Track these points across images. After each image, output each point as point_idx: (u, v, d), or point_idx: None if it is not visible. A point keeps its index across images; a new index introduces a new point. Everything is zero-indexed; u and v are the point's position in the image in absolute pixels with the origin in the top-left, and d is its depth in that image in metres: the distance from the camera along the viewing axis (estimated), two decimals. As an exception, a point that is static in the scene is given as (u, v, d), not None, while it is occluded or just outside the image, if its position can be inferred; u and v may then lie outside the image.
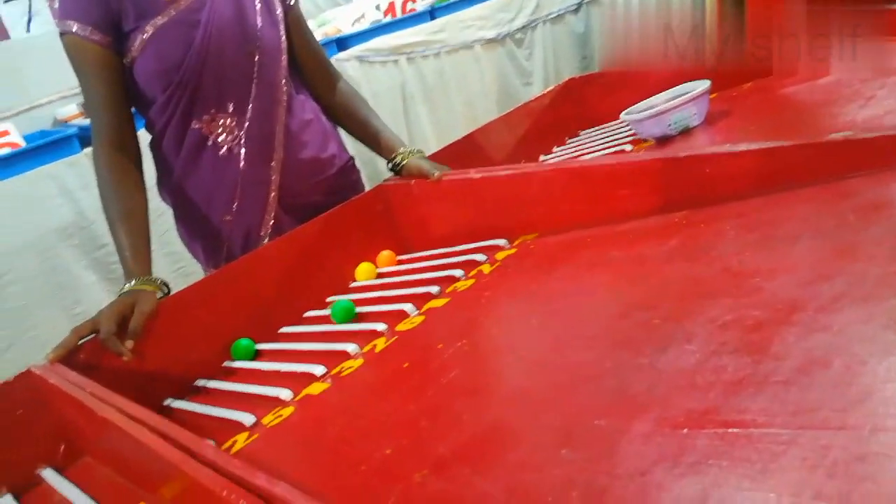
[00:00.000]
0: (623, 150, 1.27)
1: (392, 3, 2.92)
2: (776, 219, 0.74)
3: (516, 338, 0.74)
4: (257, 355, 0.94)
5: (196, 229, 1.23)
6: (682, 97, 1.20)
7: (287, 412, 0.74)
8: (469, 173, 1.06)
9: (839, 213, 0.68)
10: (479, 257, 0.97)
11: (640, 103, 1.31)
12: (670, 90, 1.29)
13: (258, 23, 1.14)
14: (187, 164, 1.16)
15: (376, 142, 1.23)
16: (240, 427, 0.74)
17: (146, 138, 1.17)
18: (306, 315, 1.02)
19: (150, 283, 0.94)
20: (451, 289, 0.91)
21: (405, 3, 2.93)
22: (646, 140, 1.28)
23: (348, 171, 1.30)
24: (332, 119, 1.28)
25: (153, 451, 0.54)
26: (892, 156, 0.72)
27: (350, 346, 0.82)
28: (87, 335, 0.85)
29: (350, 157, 1.31)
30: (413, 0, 2.93)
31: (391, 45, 2.59)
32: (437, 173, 1.09)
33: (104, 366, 0.84)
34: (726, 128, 1.20)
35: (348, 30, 2.80)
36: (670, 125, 1.21)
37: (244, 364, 0.91)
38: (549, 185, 0.97)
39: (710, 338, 0.56)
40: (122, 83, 1.09)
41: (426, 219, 1.13)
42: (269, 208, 1.19)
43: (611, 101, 1.44)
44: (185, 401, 0.86)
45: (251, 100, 1.14)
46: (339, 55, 2.48)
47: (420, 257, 1.08)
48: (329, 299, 1.04)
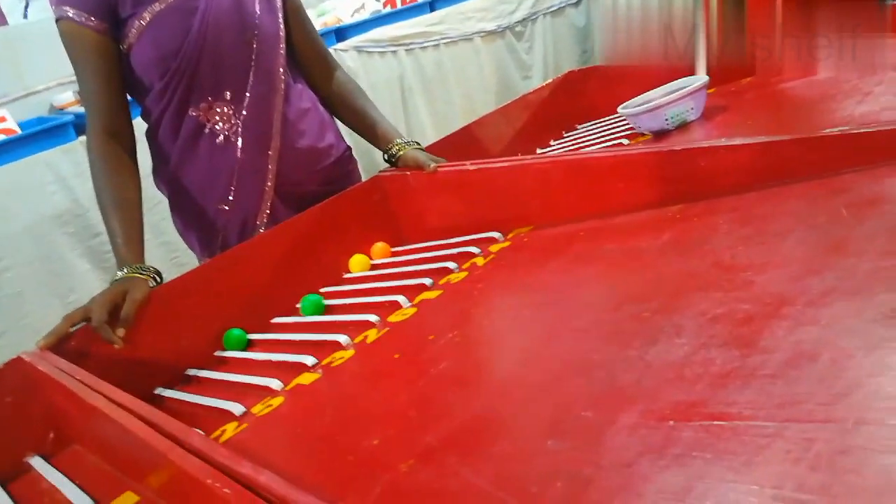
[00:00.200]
0: (620, 144, 1.27)
1: (392, -6, 2.91)
2: (769, 213, 0.73)
3: (507, 330, 0.74)
4: (249, 345, 0.94)
5: (192, 219, 1.22)
6: (680, 92, 1.20)
7: (277, 402, 0.73)
8: (465, 165, 1.06)
9: (832, 208, 0.68)
10: (474, 250, 0.97)
11: (638, 97, 1.30)
12: (668, 85, 1.29)
13: (256, 10, 1.14)
14: (184, 153, 1.16)
15: (373, 132, 1.23)
16: (229, 416, 0.74)
17: (142, 127, 1.17)
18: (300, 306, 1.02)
19: (142, 272, 0.94)
20: (444, 281, 0.91)
21: (405, -6, 2.92)
22: (643, 134, 1.28)
23: (345, 161, 1.29)
24: (329, 109, 1.28)
25: (140, 439, 0.54)
26: (887, 151, 0.72)
27: (342, 337, 0.82)
28: (79, 323, 0.85)
29: (347, 147, 1.30)
30: (413, -9, 2.93)
31: (390, 35, 2.58)
32: (433, 165, 1.09)
33: (95, 353, 0.84)
34: (723, 123, 1.19)
35: (348, 20, 2.79)
36: (667, 119, 1.21)
37: (236, 354, 0.91)
38: (544, 178, 0.97)
39: (699, 331, 0.56)
40: (118, 70, 1.09)
41: (421, 210, 1.12)
42: (266, 197, 1.18)
43: (609, 95, 1.43)
44: (176, 390, 0.86)
45: (249, 88, 1.13)
46: (338, 45, 2.47)
47: (414, 249, 1.08)
48: (322, 290, 1.04)
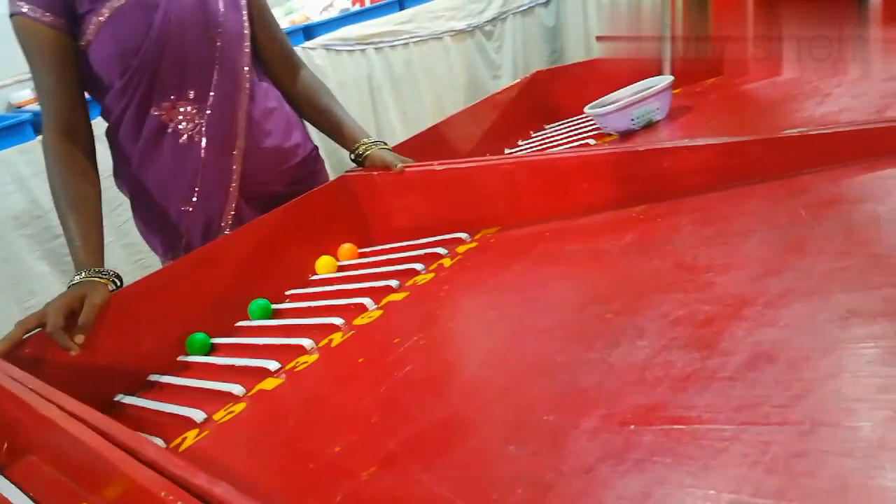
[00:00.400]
0: (587, 144, 1.27)
1: (361, -8, 2.89)
2: (731, 214, 0.74)
3: (472, 331, 0.74)
4: (213, 349, 0.92)
5: (154, 220, 1.20)
6: (645, 92, 1.21)
7: (239, 408, 0.72)
8: (432, 165, 1.05)
9: (792, 208, 0.69)
10: (441, 251, 0.96)
11: (605, 97, 1.31)
12: (634, 85, 1.30)
13: (220, 7, 1.12)
14: (145, 153, 1.13)
15: (339, 132, 1.21)
16: (190, 423, 0.72)
17: (101, 126, 1.14)
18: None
19: (101, 276, 0.91)
20: (410, 282, 0.90)
21: (374, -8, 2.90)
22: (610, 134, 1.29)
23: (312, 161, 1.27)
24: (294, 108, 1.26)
25: (93, 450, 0.52)
26: (844, 152, 0.73)
27: (306, 342, 0.81)
28: (34, 329, 0.83)
29: (314, 147, 1.29)
30: (382, -11, 2.91)
31: (359, 34, 2.56)
32: (400, 165, 1.08)
33: (51, 360, 0.82)
34: (688, 123, 1.21)
35: (316, 18, 2.76)
36: (633, 120, 1.21)
37: (199, 358, 0.89)
38: (511, 179, 0.97)
39: (661, 333, 0.57)
40: (74, 68, 1.06)
41: (389, 211, 1.12)
42: (231, 198, 1.16)
43: (577, 95, 1.44)
44: (137, 397, 0.84)
45: (213, 86, 1.11)
46: (307, 43, 2.44)
47: (381, 250, 1.07)
48: (288, 293, 1.02)
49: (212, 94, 1.11)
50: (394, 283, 0.90)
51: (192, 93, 1.11)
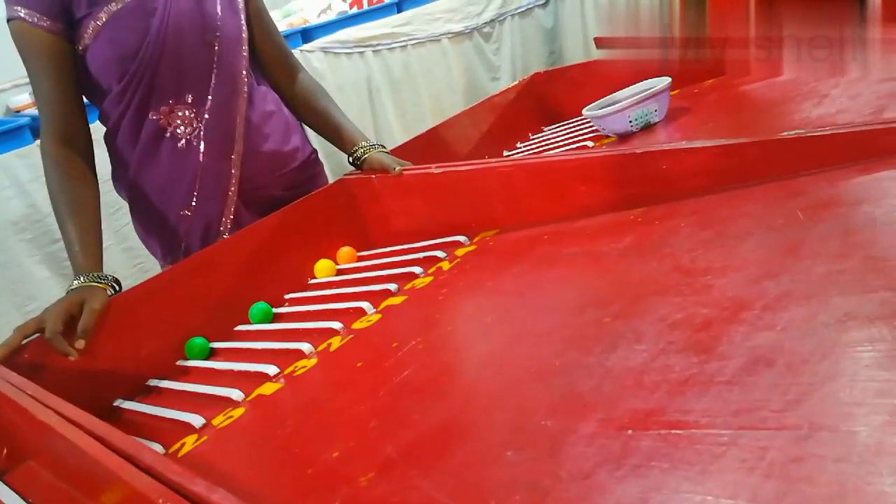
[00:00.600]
0: (585, 147, 1.27)
1: (359, -5, 2.89)
2: (729, 216, 0.74)
3: (470, 336, 0.74)
4: (212, 354, 0.92)
5: (153, 225, 1.20)
6: (643, 94, 1.21)
7: (238, 413, 0.72)
8: (430, 168, 1.05)
9: (789, 210, 0.69)
10: (440, 254, 0.96)
11: (603, 99, 1.31)
12: (632, 86, 1.30)
13: (218, 11, 1.11)
14: (144, 158, 1.13)
15: (337, 135, 1.21)
16: (189, 429, 0.72)
17: (100, 131, 1.14)
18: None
19: (99, 280, 0.91)
20: (409, 286, 0.90)
21: (372, -6, 2.90)
22: (608, 136, 1.29)
23: (311, 165, 1.27)
24: (293, 111, 1.26)
25: (91, 457, 0.52)
26: (841, 154, 0.73)
27: (305, 346, 0.81)
28: (32, 334, 0.83)
29: (313, 151, 1.29)
30: (380, -8, 2.91)
31: (357, 37, 2.57)
32: (398, 168, 1.08)
33: (50, 366, 0.82)
34: (686, 125, 1.21)
35: (314, 20, 2.76)
36: (631, 121, 1.22)
37: (198, 363, 0.89)
38: (509, 182, 0.97)
39: (659, 337, 0.57)
40: (72, 72, 1.06)
41: (387, 214, 1.12)
42: (229, 202, 1.16)
43: (575, 97, 1.44)
44: (136, 401, 0.84)
45: (211, 90, 1.11)
46: (305, 46, 2.44)
47: (380, 253, 1.07)
48: (287, 297, 1.02)
49: (210, 98, 1.11)
50: (392, 286, 0.90)
51: (190, 97, 1.11)
